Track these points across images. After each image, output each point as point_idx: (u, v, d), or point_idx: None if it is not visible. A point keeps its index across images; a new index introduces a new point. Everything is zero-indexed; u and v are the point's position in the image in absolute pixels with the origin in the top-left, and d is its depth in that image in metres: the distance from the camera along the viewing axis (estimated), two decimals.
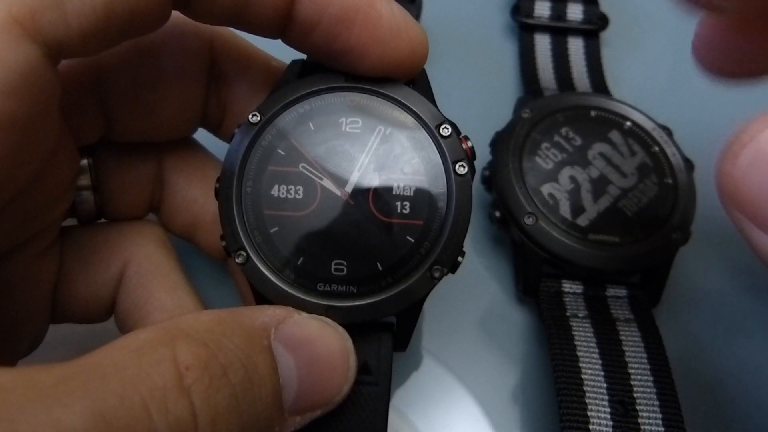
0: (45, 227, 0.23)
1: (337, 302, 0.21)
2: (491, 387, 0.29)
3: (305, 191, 0.22)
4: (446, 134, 0.22)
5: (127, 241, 0.25)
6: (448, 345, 0.30)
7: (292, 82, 0.23)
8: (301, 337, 0.19)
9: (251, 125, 0.22)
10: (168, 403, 0.14)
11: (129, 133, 0.25)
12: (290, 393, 0.18)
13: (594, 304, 0.29)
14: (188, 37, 0.25)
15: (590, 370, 0.26)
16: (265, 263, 0.21)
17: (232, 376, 0.16)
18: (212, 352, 0.16)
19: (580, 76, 0.38)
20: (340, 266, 0.21)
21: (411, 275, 0.21)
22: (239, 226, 0.22)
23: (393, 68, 0.22)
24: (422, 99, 0.22)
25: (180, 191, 0.26)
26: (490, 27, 0.42)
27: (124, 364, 0.15)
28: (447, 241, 0.21)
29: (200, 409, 0.15)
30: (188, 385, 0.15)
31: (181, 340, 0.16)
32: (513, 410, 0.28)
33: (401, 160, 0.22)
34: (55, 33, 0.17)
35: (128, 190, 0.26)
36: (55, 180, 0.22)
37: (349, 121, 0.22)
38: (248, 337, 0.18)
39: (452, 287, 0.31)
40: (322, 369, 0.19)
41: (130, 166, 0.26)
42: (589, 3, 0.39)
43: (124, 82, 0.24)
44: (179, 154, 0.27)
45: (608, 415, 0.25)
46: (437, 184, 0.22)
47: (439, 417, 0.28)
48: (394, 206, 0.22)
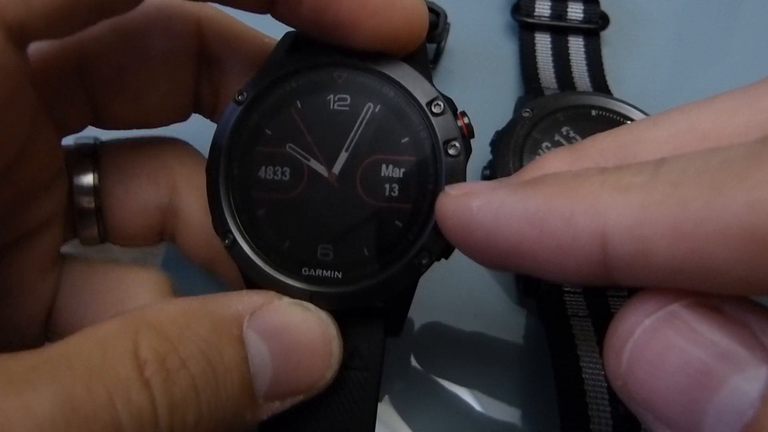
0: (36, 234, 0.22)
1: (321, 288, 0.20)
2: (491, 387, 0.29)
3: (292, 172, 0.21)
4: (438, 111, 0.21)
5: (122, 290, 0.24)
6: (448, 344, 0.30)
7: (281, 57, 0.22)
8: (278, 324, 0.19)
9: (238, 104, 0.22)
10: (130, 393, 0.15)
11: (117, 121, 0.25)
12: (264, 380, 0.18)
13: (595, 303, 0.29)
14: (174, 18, 0.24)
15: (590, 370, 0.26)
16: (251, 246, 0.21)
17: (191, 367, 0.16)
18: (172, 345, 0.16)
19: (580, 76, 0.38)
20: (326, 251, 0.21)
21: (398, 261, 0.20)
22: (226, 208, 0.21)
23: (388, 42, 0.21)
24: (415, 74, 0.21)
25: (197, 227, 0.25)
26: (491, 26, 0.42)
27: (90, 354, 0.15)
28: (435, 226, 0.20)
29: (159, 400, 0.15)
30: (147, 377, 0.15)
31: (143, 332, 0.16)
32: (513, 410, 0.28)
33: (390, 139, 0.21)
34: (15, 13, 0.17)
35: (135, 217, 0.25)
36: (34, 170, 0.21)
37: (337, 99, 0.21)
38: (215, 327, 0.18)
39: (452, 287, 0.31)
40: (300, 356, 0.19)
41: (139, 192, 0.25)
42: (589, 2, 0.39)
43: (108, 68, 0.23)
44: (197, 185, 0.25)
45: (608, 415, 0.25)
46: (427, 165, 0.21)
47: (438, 416, 0.28)
48: (382, 189, 0.21)
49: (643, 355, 0.14)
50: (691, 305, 0.14)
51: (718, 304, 0.13)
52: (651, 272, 0.13)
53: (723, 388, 0.13)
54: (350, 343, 0.21)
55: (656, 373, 0.14)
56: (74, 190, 0.24)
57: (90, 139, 0.25)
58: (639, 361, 0.14)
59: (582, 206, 0.14)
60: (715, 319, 0.13)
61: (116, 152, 0.25)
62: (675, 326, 0.13)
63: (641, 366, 0.14)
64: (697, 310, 0.14)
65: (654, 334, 0.14)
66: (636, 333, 0.14)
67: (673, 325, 0.14)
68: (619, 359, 0.14)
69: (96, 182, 0.24)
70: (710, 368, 0.13)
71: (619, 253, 0.14)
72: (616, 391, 0.15)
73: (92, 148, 0.25)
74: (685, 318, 0.13)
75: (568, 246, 0.14)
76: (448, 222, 0.17)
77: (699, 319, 0.13)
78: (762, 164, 0.12)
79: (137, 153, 0.25)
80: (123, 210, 0.25)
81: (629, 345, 0.14)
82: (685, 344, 0.13)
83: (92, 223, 0.25)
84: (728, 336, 0.13)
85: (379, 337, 0.21)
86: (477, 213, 0.16)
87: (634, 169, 0.14)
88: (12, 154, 0.19)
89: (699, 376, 0.13)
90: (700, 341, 0.13)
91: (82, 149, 0.25)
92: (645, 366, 0.14)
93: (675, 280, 0.13)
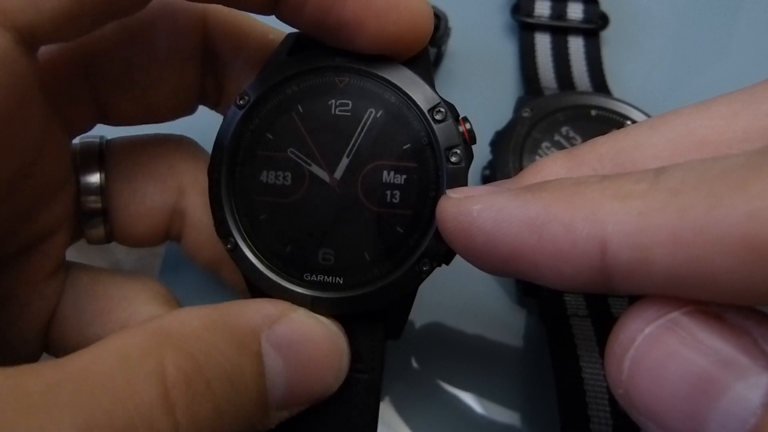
0: (44, 239, 0.22)
1: (322, 293, 0.20)
2: (491, 387, 0.29)
3: (293, 177, 0.21)
4: (440, 118, 0.20)
5: (126, 299, 0.24)
6: (448, 344, 0.30)
7: (282, 60, 0.22)
8: (295, 338, 0.19)
9: (239, 108, 0.21)
10: (153, 421, 0.14)
11: (124, 118, 0.24)
12: (277, 393, 0.18)
13: (594, 303, 0.29)
14: (179, 16, 0.24)
15: (590, 370, 0.26)
16: (252, 250, 0.21)
17: (216, 388, 0.16)
18: (198, 365, 0.16)
19: (580, 76, 0.38)
20: (328, 255, 0.21)
21: (399, 268, 0.20)
22: (228, 211, 0.21)
23: (392, 44, 0.20)
24: (417, 80, 0.21)
25: (204, 229, 0.25)
26: (490, 26, 0.42)
27: (112, 374, 0.15)
28: (436, 232, 0.20)
29: (182, 426, 0.15)
30: (173, 401, 0.15)
31: (168, 349, 0.16)
32: (513, 410, 0.28)
33: (392, 145, 0.21)
34: (25, 17, 0.17)
35: (141, 218, 0.25)
36: (45, 174, 0.21)
37: (338, 104, 0.21)
38: (238, 344, 0.17)
39: (452, 287, 0.31)
40: (313, 369, 0.19)
41: (145, 193, 0.25)
42: (589, 2, 0.39)
43: (115, 66, 0.23)
44: (203, 186, 0.25)
45: (608, 415, 0.25)
46: (428, 172, 0.20)
47: (438, 416, 0.28)
48: (383, 195, 0.21)
49: (645, 363, 0.14)
50: (691, 313, 0.14)
51: (719, 311, 0.13)
52: (650, 280, 0.13)
53: (725, 395, 0.13)
54: (351, 346, 0.21)
55: (658, 380, 0.14)
56: (80, 189, 0.24)
57: (96, 138, 0.25)
58: (640, 369, 0.14)
59: (582, 213, 0.14)
60: (716, 327, 0.13)
61: (122, 152, 0.25)
62: (676, 334, 0.14)
63: (642, 374, 0.14)
64: (698, 317, 0.14)
65: (655, 342, 0.14)
66: (637, 341, 0.14)
67: (674, 332, 0.14)
68: (621, 367, 0.14)
69: (102, 182, 0.24)
70: (712, 376, 0.13)
71: (619, 260, 0.14)
72: (617, 399, 0.15)
73: (98, 148, 0.25)
74: (685, 325, 0.13)
75: (567, 252, 0.14)
76: (448, 225, 0.17)
77: (700, 326, 0.13)
78: (761, 174, 0.12)
79: (144, 153, 0.25)
80: (129, 210, 0.25)
81: (630, 353, 0.14)
82: (686, 352, 0.13)
83: (99, 223, 0.25)
84: (729, 343, 0.13)
85: (379, 340, 0.21)
86: (477, 217, 0.16)
87: (633, 177, 0.14)
88: (25, 160, 0.19)
89: (701, 384, 0.13)
90: (701, 348, 0.13)
91: (87, 149, 0.25)
92: (646, 374, 0.14)
93: (674, 288, 0.13)
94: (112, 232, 0.25)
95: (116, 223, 0.25)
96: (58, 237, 0.23)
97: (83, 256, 0.27)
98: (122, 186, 0.25)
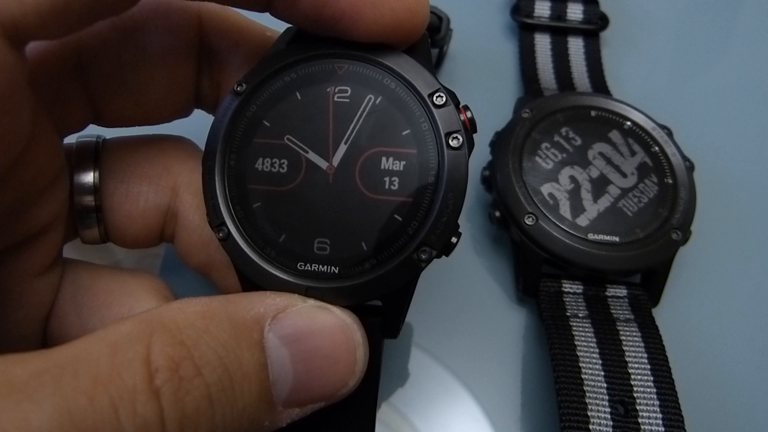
0: (39, 235, 0.22)
1: (317, 283, 0.20)
2: (491, 387, 0.29)
3: (290, 164, 0.21)
4: (440, 103, 0.20)
5: (126, 294, 0.23)
6: (448, 345, 0.30)
7: (281, 49, 0.22)
8: (301, 328, 0.18)
9: (236, 94, 0.21)
10: (136, 406, 0.14)
11: (118, 119, 0.24)
12: (284, 387, 0.17)
13: (594, 304, 0.29)
14: (174, 14, 0.23)
15: (590, 370, 0.26)
16: (245, 240, 0.21)
17: (207, 375, 0.16)
18: (187, 351, 0.16)
19: (580, 76, 0.38)
20: (323, 245, 0.20)
21: (396, 257, 0.20)
22: (221, 200, 0.21)
23: (390, 32, 0.20)
24: (417, 65, 0.20)
25: (195, 230, 0.25)
26: (490, 27, 0.42)
27: (98, 360, 0.14)
28: (436, 220, 0.19)
29: (168, 412, 0.15)
30: (157, 386, 0.15)
31: (158, 336, 0.15)
32: (513, 410, 0.28)
33: (391, 131, 0.20)
34: (8, 11, 0.16)
35: (135, 218, 0.25)
36: (34, 171, 0.21)
37: (337, 90, 0.21)
38: (235, 332, 0.17)
39: (452, 286, 0.31)
40: (322, 363, 0.18)
41: (139, 194, 0.25)
42: (589, 3, 0.39)
43: (108, 65, 0.23)
44: (197, 187, 0.25)
45: (608, 415, 0.25)
46: (428, 158, 0.20)
47: (438, 416, 0.28)
48: (382, 182, 0.20)
49: None
50: None
51: None
52: None
53: None
54: None
55: None
56: (75, 188, 0.24)
57: (92, 137, 0.25)
58: None
59: None
60: None
61: (118, 151, 0.25)
62: None
63: None
64: None
65: None
66: None
67: None
68: None
69: (96, 181, 0.24)
70: None
71: None
72: None
73: (94, 147, 0.25)
74: None
75: None
76: None
77: None
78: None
79: (139, 153, 0.25)
80: (123, 211, 0.25)
81: None
82: None
83: (93, 223, 0.24)
84: None
85: (376, 339, 0.21)
86: None
87: None
88: (12, 156, 0.19)
89: None
90: None
91: (84, 147, 0.25)
92: None
93: None
94: (107, 232, 0.25)
95: (110, 223, 0.25)
96: (52, 235, 0.23)
97: (84, 257, 0.27)
98: (116, 185, 0.24)
